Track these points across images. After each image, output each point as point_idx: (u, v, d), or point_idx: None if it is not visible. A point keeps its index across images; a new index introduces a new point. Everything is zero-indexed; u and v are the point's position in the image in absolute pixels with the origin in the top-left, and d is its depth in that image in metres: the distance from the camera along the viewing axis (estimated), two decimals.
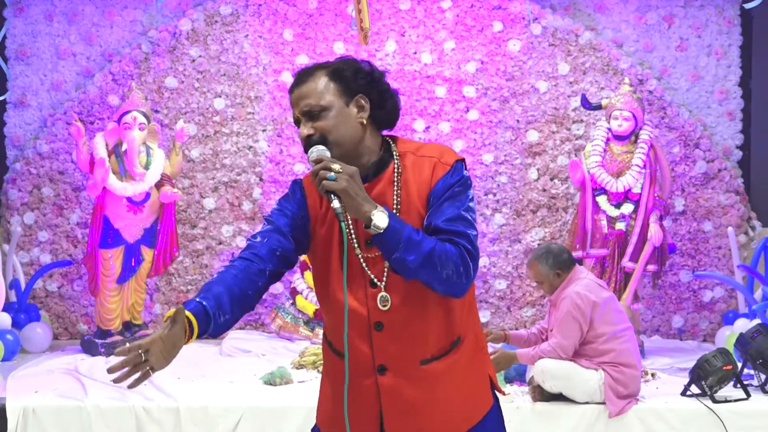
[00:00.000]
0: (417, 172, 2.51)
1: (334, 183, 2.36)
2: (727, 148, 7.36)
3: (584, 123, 7.29)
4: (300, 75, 2.52)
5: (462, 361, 2.57)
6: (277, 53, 7.32)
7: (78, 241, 7.21)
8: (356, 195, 2.37)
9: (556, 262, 5.06)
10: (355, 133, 2.50)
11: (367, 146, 2.53)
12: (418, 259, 2.38)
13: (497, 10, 7.30)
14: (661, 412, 5.10)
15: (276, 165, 7.31)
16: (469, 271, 2.44)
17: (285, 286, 7.24)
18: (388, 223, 2.37)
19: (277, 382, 5.56)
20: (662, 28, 7.42)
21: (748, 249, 7.13)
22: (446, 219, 2.45)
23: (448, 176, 2.49)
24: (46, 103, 7.34)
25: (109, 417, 5.12)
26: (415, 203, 2.50)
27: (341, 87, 2.49)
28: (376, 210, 2.37)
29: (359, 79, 2.51)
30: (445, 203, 2.47)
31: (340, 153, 2.47)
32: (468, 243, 2.44)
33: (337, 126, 2.48)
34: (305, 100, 2.48)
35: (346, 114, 2.49)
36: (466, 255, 2.43)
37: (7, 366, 6.11)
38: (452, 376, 2.56)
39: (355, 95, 2.50)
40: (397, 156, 2.54)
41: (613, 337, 5.00)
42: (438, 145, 2.59)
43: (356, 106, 2.50)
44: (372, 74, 2.54)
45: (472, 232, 2.47)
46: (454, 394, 2.57)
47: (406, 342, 2.53)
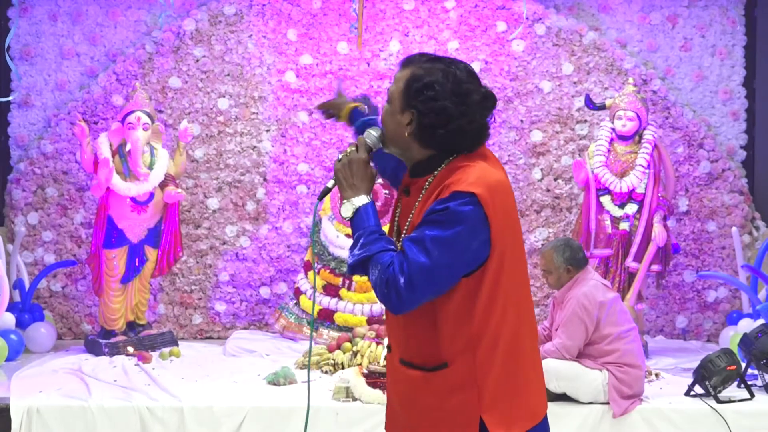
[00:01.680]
0: (433, 191, 2.52)
1: (336, 163, 2.60)
2: (731, 148, 7.36)
3: (588, 123, 7.28)
4: (408, 58, 2.62)
5: (440, 384, 2.53)
6: (280, 53, 7.33)
7: (82, 241, 7.22)
8: (343, 179, 2.57)
9: (572, 258, 5.11)
10: (400, 138, 2.59)
11: (414, 154, 2.59)
12: (356, 259, 2.51)
13: (501, 10, 7.30)
14: (665, 413, 5.10)
15: (280, 165, 7.32)
16: (390, 294, 2.42)
17: (289, 287, 7.24)
18: (349, 216, 2.56)
19: (281, 383, 5.56)
20: (666, 28, 7.41)
21: (752, 249, 7.13)
22: (410, 237, 2.46)
23: (442, 200, 2.45)
24: (50, 104, 7.35)
25: (113, 417, 5.13)
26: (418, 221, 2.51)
27: (405, 94, 2.55)
28: (351, 199, 2.56)
29: (419, 97, 2.52)
30: (423, 223, 2.45)
31: (389, 145, 2.64)
32: (401, 268, 2.41)
33: (387, 122, 2.61)
34: (392, 83, 2.61)
35: (397, 118, 2.57)
36: (390, 279, 2.42)
37: (11, 366, 6.11)
38: (427, 393, 2.55)
39: (409, 108, 2.54)
40: (442, 167, 2.55)
41: (618, 337, 5.01)
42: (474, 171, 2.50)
43: (407, 117, 2.55)
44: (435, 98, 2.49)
45: (419, 260, 2.39)
46: (426, 411, 2.56)
47: (397, 333, 2.64)
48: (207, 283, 7.33)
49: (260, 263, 7.31)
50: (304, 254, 7.22)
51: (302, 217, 7.32)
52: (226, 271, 7.31)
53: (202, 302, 7.33)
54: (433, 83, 2.50)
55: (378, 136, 2.62)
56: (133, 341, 6.49)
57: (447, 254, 2.41)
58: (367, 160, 2.59)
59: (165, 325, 7.22)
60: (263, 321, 7.29)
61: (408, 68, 2.57)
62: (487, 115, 2.59)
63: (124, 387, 5.52)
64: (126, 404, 5.18)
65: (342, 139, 7.30)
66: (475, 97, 2.53)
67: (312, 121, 7.34)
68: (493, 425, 2.49)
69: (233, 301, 7.34)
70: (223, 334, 7.29)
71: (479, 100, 2.54)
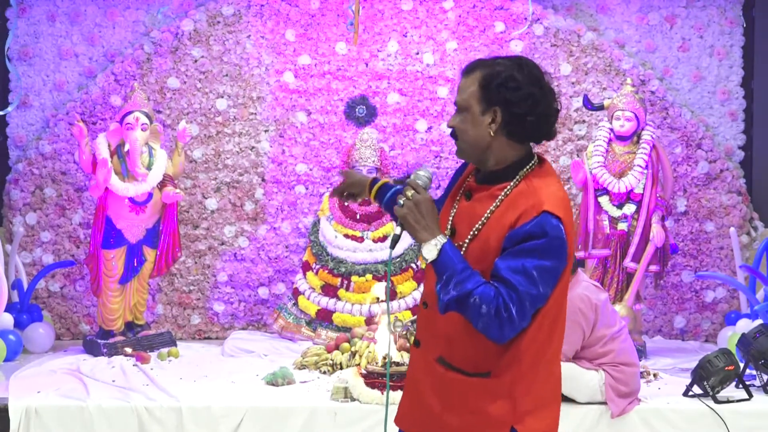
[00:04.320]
0: (515, 205, 2.56)
1: (399, 209, 2.59)
2: (729, 149, 7.36)
3: (586, 123, 7.29)
4: (467, 67, 2.67)
5: (479, 392, 2.60)
6: (279, 54, 7.33)
7: (80, 242, 7.22)
8: (415, 223, 2.56)
9: None
10: (482, 140, 2.62)
11: (496, 154, 2.63)
12: (453, 296, 2.50)
13: (499, 11, 7.30)
14: (663, 413, 5.11)
15: (278, 165, 7.32)
16: (502, 327, 2.47)
17: (287, 287, 7.24)
18: (434, 257, 2.53)
19: (279, 383, 5.56)
20: (664, 28, 7.42)
21: (750, 249, 7.13)
22: (508, 268, 2.49)
23: (533, 225, 2.50)
24: (49, 104, 7.35)
25: (112, 417, 5.13)
26: (494, 234, 2.56)
27: (483, 94, 2.60)
28: (430, 241, 2.54)
29: (502, 92, 2.58)
30: (517, 252, 2.49)
31: (466, 152, 2.67)
32: (511, 299, 2.46)
33: (467, 129, 2.63)
34: (459, 93, 2.66)
35: (478, 121, 2.62)
36: (502, 309, 2.46)
37: (9, 366, 6.11)
38: (463, 397, 2.62)
39: (492, 106, 2.59)
40: (518, 180, 2.61)
41: (611, 338, 5.03)
42: (553, 190, 2.58)
43: (490, 117, 2.60)
44: (518, 88, 2.59)
45: (530, 291, 2.47)
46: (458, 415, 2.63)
47: (435, 331, 2.68)
48: (205, 284, 7.33)
49: (259, 263, 7.31)
50: (302, 255, 7.22)
51: (300, 217, 7.32)
52: (224, 271, 7.31)
53: (201, 302, 7.33)
54: (513, 76, 2.59)
55: (428, 174, 2.66)
56: (132, 341, 6.49)
57: (551, 283, 2.52)
58: (431, 199, 2.62)
59: (163, 326, 7.22)
60: (261, 321, 7.29)
61: (474, 73, 2.63)
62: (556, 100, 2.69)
63: (123, 387, 5.52)
64: (124, 404, 5.18)
65: (340, 139, 7.31)
66: (547, 80, 2.65)
67: (310, 122, 7.34)
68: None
69: (232, 301, 7.34)
70: (222, 334, 7.29)
71: (550, 85, 2.66)
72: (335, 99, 7.33)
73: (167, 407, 5.16)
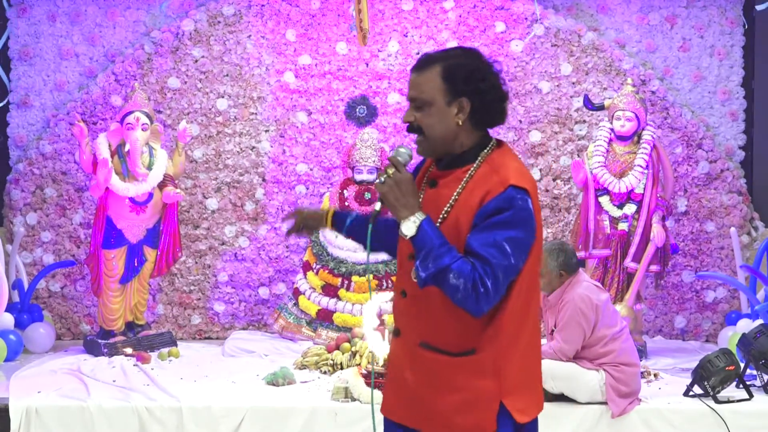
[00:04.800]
0: (480, 185, 2.61)
1: (380, 185, 2.64)
2: (730, 149, 7.36)
3: (587, 123, 7.28)
4: (421, 61, 2.68)
5: (465, 370, 2.64)
6: (279, 54, 7.33)
7: (81, 242, 7.22)
8: (395, 200, 2.61)
9: (565, 263, 5.07)
10: (449, 132, 2.66)
11: (460, 142, 2.68)
12: (432, 272, 2.54)
13: (500, 11, 7.30)
14: (664, 413, 5.11)
15: (279, 165, 7.32)
16: (478, 300, 2.53)
17: (288, 287, 7.24)
18: (413, 233, 2.57)
19: (280, 383, 5.57)
20: (665, 28, 7.42)
21: (751, 249, 7.13)
22: (480, 241, 2.54)
23: (500, 200, 2.56)
24: (49, 104, 7.35)
25: (112, 417, 5.13)
26: (463, 214, 2.61)
27: (448, 86, 2.63)
28: (409, 218, 2.58)
29: (468, 83, 2.63)
30: (488, 227, 2.55)
31: (431, 145, 2.69)
32: (486, 273, 2.51)
33: (433, 123, 2.66)
34: (414, 89, 2.68)
35: (444, 113, 2.65)
36: (479, 284, 2.52)
37: (10, 366, 6.12)
38: (450, 377, 2.65)
39: (459, 97, 2.63)
40: (479, 162, 2.66)
41: (612, 338, 5.03)
42: (516, 167, 2.64)
43: (457, 107, 2.65)
44: (484, 78, 2.65)
45: (502, 262, 2.52)
46: (447, 396, 2.66)
47: (416, 316, 2.71)
48: (206, 284, 7.33)
49: (259, 263, 7.31)
50: (302, 254, 7.22)
51: None
52: (224, 271, 7.31)
53: (201, 302, 7.33)
54: (474, 67, 2.65)
55: (407, 152, 2.67)
56: (132, 341, 6.50)
57: (521, 253, 2.57)
58: (412, 177, 2.66)
59: (164, 326, 7.22)
60: (262, 321, 7.29)
61: (432, 67, 2.65)
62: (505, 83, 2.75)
63: (123, 387, 5.52)
64: (125, 404, 5.18)
65: (341, 139, 7.31)
66: (498, 68, 2.70)
67: (311, 122, 7.34)
68: (514, 410, 2.64)
69: (232, 301, 7.34)
70: (222, 334, 7.29)
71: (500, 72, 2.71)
72: (336, 99, 7.33)
73: (168, 407, 5.16)
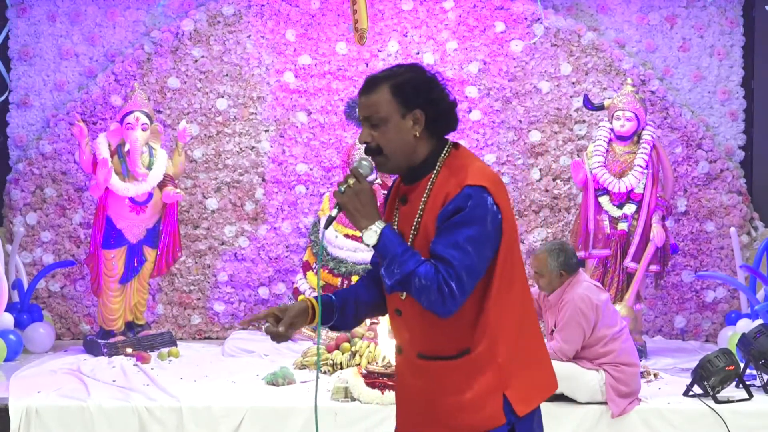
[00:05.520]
0: (442, 189, 2.67)
1: (339, 195, 2.68)
2: (730, 149, 7.36)
3: (587, 123, 7.28)
4: (367, 83, 2.74)
5: (465, 370, 2.68)
6: (279, 53, 7.33)
7: (81, 242, 7.22)
8: (355, 211, 2.66)
9: (565, 263, 5.06)
10: (408, 145, 2.72)
11: (418, 153, 2.73)
12: (397, 278, 2.61)
13: (500, 11, 7.30)
14: (664, 413, 5.11)
15: (278, 165, 7.32)
16: (444, 302, 2.58)
17: (288, 287, 7.24)
18: (375, 242, 2.64)
19: (280, 383, 5.57)
20: (665, 28, 7.42)
21: (751, 249, 7.13)
22: (441, 244, 2.61)
23: (457, 200, 2.61)
24: (49, 104, 7.35)
25: (112, 417, 5.13)
26: (430, 221, 2.67)
27: (400, 101, 2.69)
28: (370, 227, 2.65)
29: (419, 95, 2.69)
30: (447, 228, 2.61)
31: (393, 161, 2.73)
32: (449, 275, 2.57)
33: (391, 139, 2.71)
34: (367, 109, 2.72)
35: (401, 127, 2.71)
36: (443, 285, 2.57)
37: (9, 366, 6.12)
38: (453, 380, 2.70)
39: (412, 110, 2.69)
40: (438, 167, 2.72)
41: (612, 338, 5.02)
42: (475, 167, 2.69)
43: (412, 119, 2.70)
44: (432, 89, 2.72)
45: (464, 262, 2.57)
46: (452, 398, 2.70)
47: (412, 331, 2.76)
48: (206, 284, 7.33)
49: (259, 263, 7.31)
50: (302, 254, 7.22)
51: (301, 217, 7.32)
52: (224, 271, 7.31)
53: (201, 302, 7.33)
54: (421, 79, 2.72)
55: (369, 164, 2.73)
56: (132, 341, 6.50)
57: (483, 249, 2.61)
58: (371, 188, 2.70)
59: (164, 326, 7.22)
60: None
61: (380, 87, 2.71)
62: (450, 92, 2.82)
63: (123, 387, 5.52)
64: (125, 404, 5.18)
65: (341, 139, 7.31)
66: (441, 78, 2.77)
67: (311, 122, 7.34)
68: (515, 401, 2.67)
69: (232, 301, 7.34)
70: (222, 334, 7.29)
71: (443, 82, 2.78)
72: (335, 99, 7.33)
73: (167, 407, 5.16)
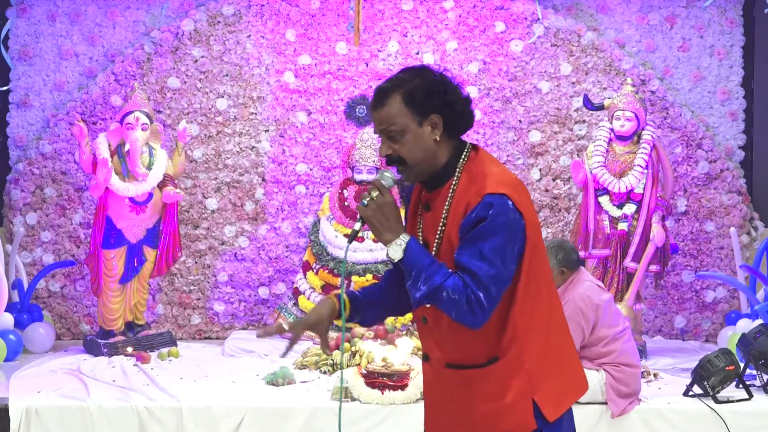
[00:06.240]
0: (463, 197, 2.65)
1: (362, 208, 2.66)
2: (730, 149, 7.36)
3: (586, 123, 7.29)
4: (377, 96, 2.70)
5: (494, 377, 2.68)
6: (279, 53, 7.33)
7: (80, 242, 7.22)
8: (379, 224, 2.65)
9: (565, 260, 5.06)
10: (430, 150, 2.69)
11: (440, 158, 2.71)
12: (424, 292, 2.59)
13: (500, 11, 7.30)
14: (664, 413, 5.11)
15: (278, 165, 7.32)
16: (474, 314, 2.56)
17: (288, 287, 7.24)
18: (400, 257, 2.62)
19: (280, 383, 5.57)
20: (664, 28, 7.42)
21: (751, 249, 7.13)
22: (466, 255, 2.58)
23: (479, 210, 2.59)
24: (49, 104, 7.35)
25: (112, 417, 5.13)
26: (453, 230, 2.65)
27: (414, 109, 2.66)
28: (394, 242, 2.63)
29: (432, 99, 2.66)
30: (471, 239, 2.58)
31: (417, 171, 2.70)
32: (478, 287, 2.54)
33: (412, 149, 2.68)
34: (382, 124, 2.68)
35: (420, 135, 2.68)
36: (472, 298, 2.55)
37: (9, 366, 6.11)
38: (482, 388, 2.69)
39: (428, 115, 2.66)
40: (458, 173, 2.70)
41: (613, 338, 5.02)
42: (495, 173, 2.66)
43: (429, 125, 2.68)
44: (445, 91, 2.68)
45: (490, 272, 2.55)
46: (483, 406, 2.70)
47: (438, 340, 2.75)
48: (206, 284, 7.33)
49: (259, 263, 7.31)
50: (302, 254, 7.22)
51: (301, 217, 7.32)
52: (224, 271, 7.31)
53: (201, 302, 7.33)
54: (431, 83, 2.67)
55: (392, 176, 2.70)
56: (132, 341, 6.49)
57: (508, 257, 2.58)
58: (395, 200, 2.69)
59: (164, 326, 7.22)
60: (262, 321, 7.29)
61: (391, 98, 2.67)
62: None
63: (123, 387, 5.52)
64: (124, 404, 5.18)
65: (341, 139, 7.31)
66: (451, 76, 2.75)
67: (311, 122, 7.34)
68: (544, 406, 2.66)
69: (232, 301, 7.34)
70: (222, 334, 7.29)
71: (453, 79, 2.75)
72: (335, 99, 7.33)
73: (167, 407, 5.16)
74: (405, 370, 5.18)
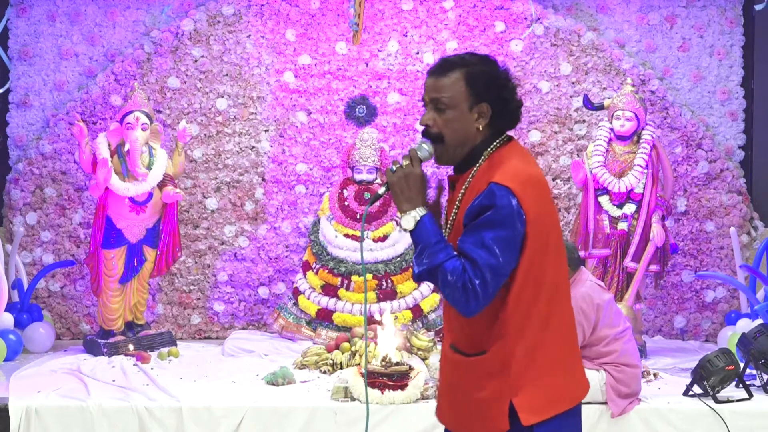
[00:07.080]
0: (478, 183, 2.66)
1: (390, 174, 2.67)
2: (730, 149, 7.36)
3: (586, 123, 7.29)
4: (442, 64, 2.70)
5: (478, 370, 2.68)
6: (279, 53, 7.33)
7: (80, 242, 7.22)
8: (400, 192, 2.65)
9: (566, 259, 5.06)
10: (469, 136, 2.71)
11: (477, 146, 2.72)
12: (425, 268, 2.60)
13: (499, 11, 7.30)
14: (664, 413, 5.11)
15: (278, 165, 7.32)
16: (468, 301, 2.57)
17: (288, 286, 7.24)
18: (411, 228, 2.64)
19: (280, 383, 5.57)
20: (664, 28, 7.42)
21: (751, 249, 7.14)
22: (470, 243, 2.58)
23: (482, 197, 2.60)
24: (49, 104, 7.35)
25: (112, 417, 5.13)
26: (462, 215, 2.66)
27: (472, 91, 2.67)
28: (410, 212, 2.64)
29: (491, 89, 2.68)
30: (475, 227, 2.59)
31: (452, 153, 2.72)
32: (475, 274, 2.55)
33: (454, 128, 2.69)
34: (435, 92, 2.69)
35: (466, 117, 2.69)
36: (468, 284, 2.55)
37: (9, 366, 6.11)
38: (464, 377, 2.72)
39: (480, 102, 2.67)
40: (482, 160, 2.70)
41: (614, 338, 5.02)
42: (510, 165, 2.65)
43: (477, 112, 2.70)
44: (505, 86, 2.71)
45: (489, 262, 2.55)
46: (461, 394, 2.73)
47: (449, 319, 2.80)
48: (205, 283, 7.33)
49: (259, 263, 7.31)
50: (302, 254, 7.22)
51: (300, 217, 7.32)
52: (224, 271, 7.31)
53: (201, 302, 7.33)
54: (495, 74, 2.71)
55: (429, 149, 2.71)
56: (132, 341, 6.49)
57: (509, 251, 2.58)
58: (423, 174, 2.69)
59: (163, 325, 7.22)
60: (262, 321, 7.29)
61: (454, 72, 2.67)
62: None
63: (123, 387, 5.52)
64: (124, 404, 5.18)
65: (341, 139, 7.31)
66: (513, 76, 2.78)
67: (310, 121, 7.34)
68: (522, 409, 2.62)
69: (232, 301, 7.34)
70: (222, 334, 7.29)
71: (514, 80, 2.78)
72: (335, 99, 7.33)
73: (167, 407, 5.16)
74: (405, 370, 5.18)
